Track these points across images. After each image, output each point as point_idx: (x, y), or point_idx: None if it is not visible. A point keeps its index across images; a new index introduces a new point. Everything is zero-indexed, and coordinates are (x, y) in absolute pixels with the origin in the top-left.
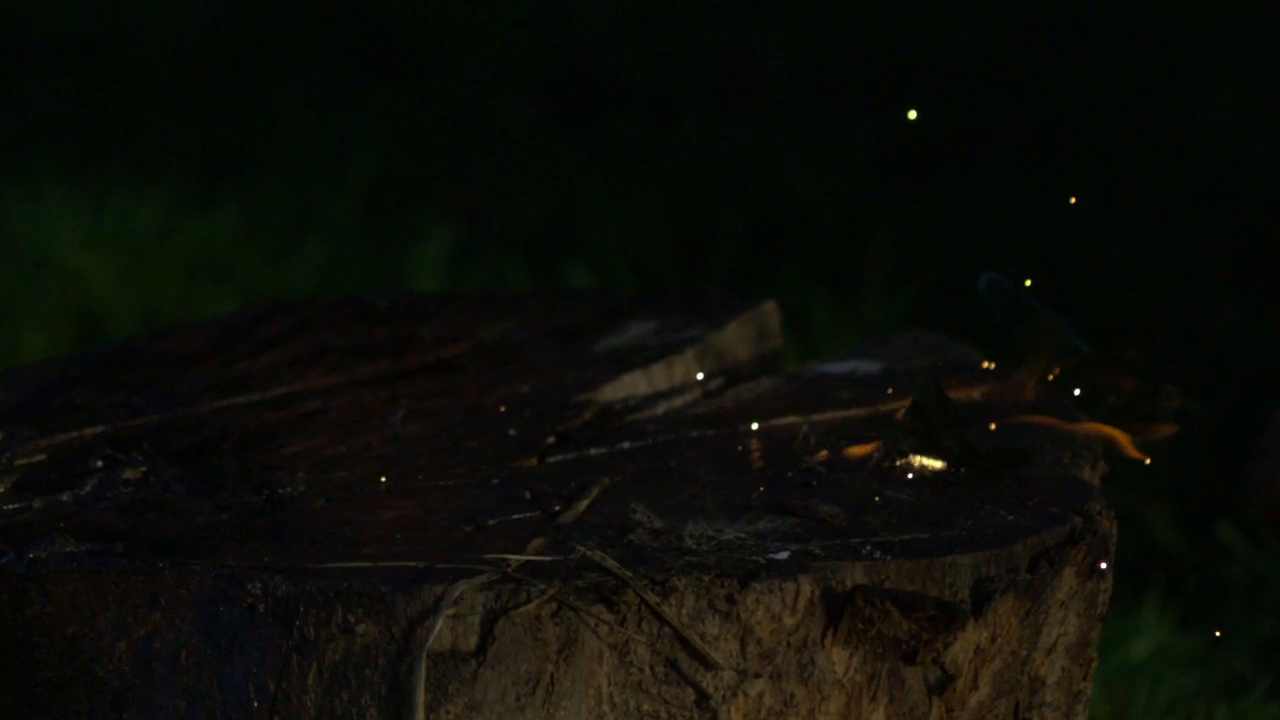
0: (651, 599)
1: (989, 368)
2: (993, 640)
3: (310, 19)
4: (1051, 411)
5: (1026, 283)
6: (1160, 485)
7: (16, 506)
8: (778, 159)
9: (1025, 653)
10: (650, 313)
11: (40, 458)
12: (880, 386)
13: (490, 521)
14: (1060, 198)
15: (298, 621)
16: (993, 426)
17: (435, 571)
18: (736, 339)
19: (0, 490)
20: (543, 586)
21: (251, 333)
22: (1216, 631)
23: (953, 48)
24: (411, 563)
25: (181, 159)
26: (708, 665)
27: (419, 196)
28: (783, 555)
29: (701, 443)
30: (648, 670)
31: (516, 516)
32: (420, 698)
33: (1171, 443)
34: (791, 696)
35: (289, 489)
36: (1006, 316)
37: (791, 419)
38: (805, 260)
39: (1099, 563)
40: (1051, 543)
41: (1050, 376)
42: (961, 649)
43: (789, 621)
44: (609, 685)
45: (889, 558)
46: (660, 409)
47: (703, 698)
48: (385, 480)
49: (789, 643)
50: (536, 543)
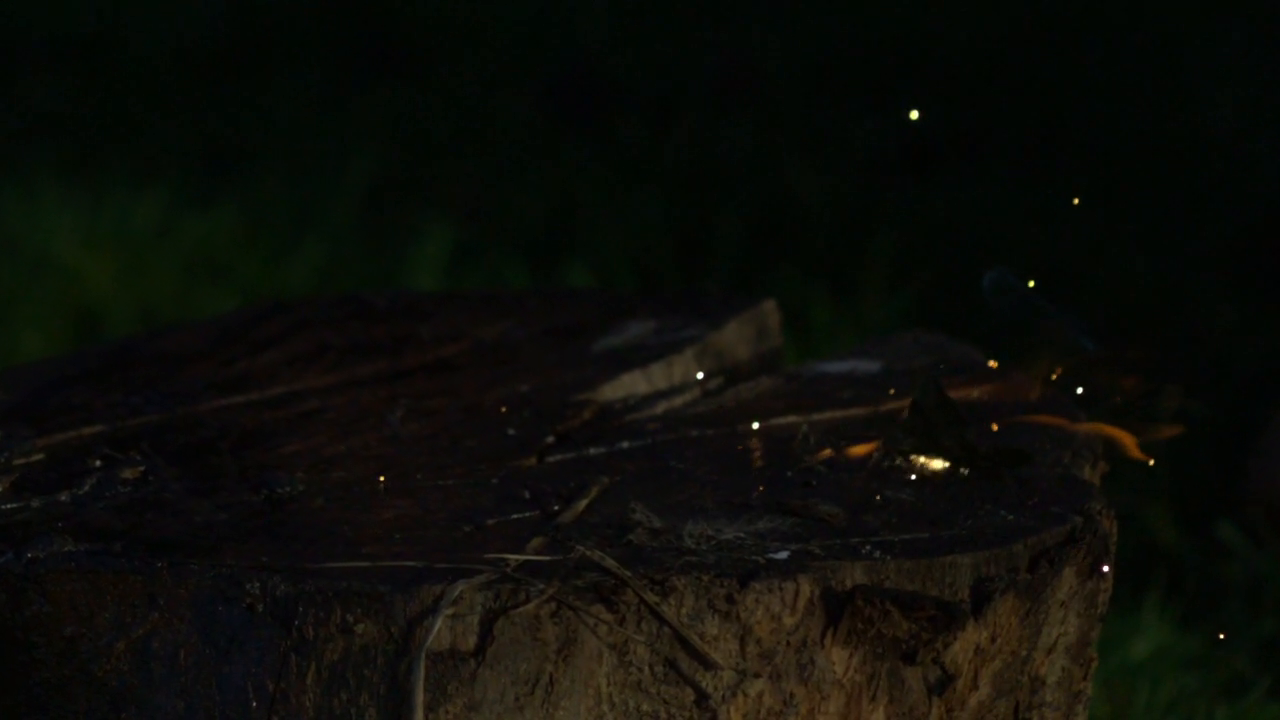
0: (651, 599)
1: (993, 366)
2: (993, 640)
3: (309, 18)
4: (1057, 411)
5: (1029, 284)
6: (1160, 485)
7: (14, 506)
8: (777, 158)
9: (1025, 653)
10: (649, 312)
11: (38, 457)
12: (880, 386)
13: (489, 521)
14: (1060, 197)
15: (296, 621)
16: (995, 427)
17: (434, 571)
18: (736, 338)
19: None
20: (542, 586)
21: (250, 332)
22: (1221, 635)
23: (953, 48)
24: (410, 562)
25: (180, 158)
26: (707, 665)
27: (418, 196)
28: (782, 555)
29: (701, 442)
30: (647, 670)
31: (515, 516)
32: (419, 697)
33: (1172, 443)
34: (791, 696)
35: (288, 488)
36: (1012, 314)
37: (791, 418)
38: (805, 260)
39: (1101, 563)
40: (1051, 542)
41: (1053, 376)
42: (961, 649)
43: (788, 621)
44: (608, 685)
45: (889, 557)
46: (660, 408)
47: (702, 698)
48: (384, 480)
49: (788, 642)
50: (535, 542)
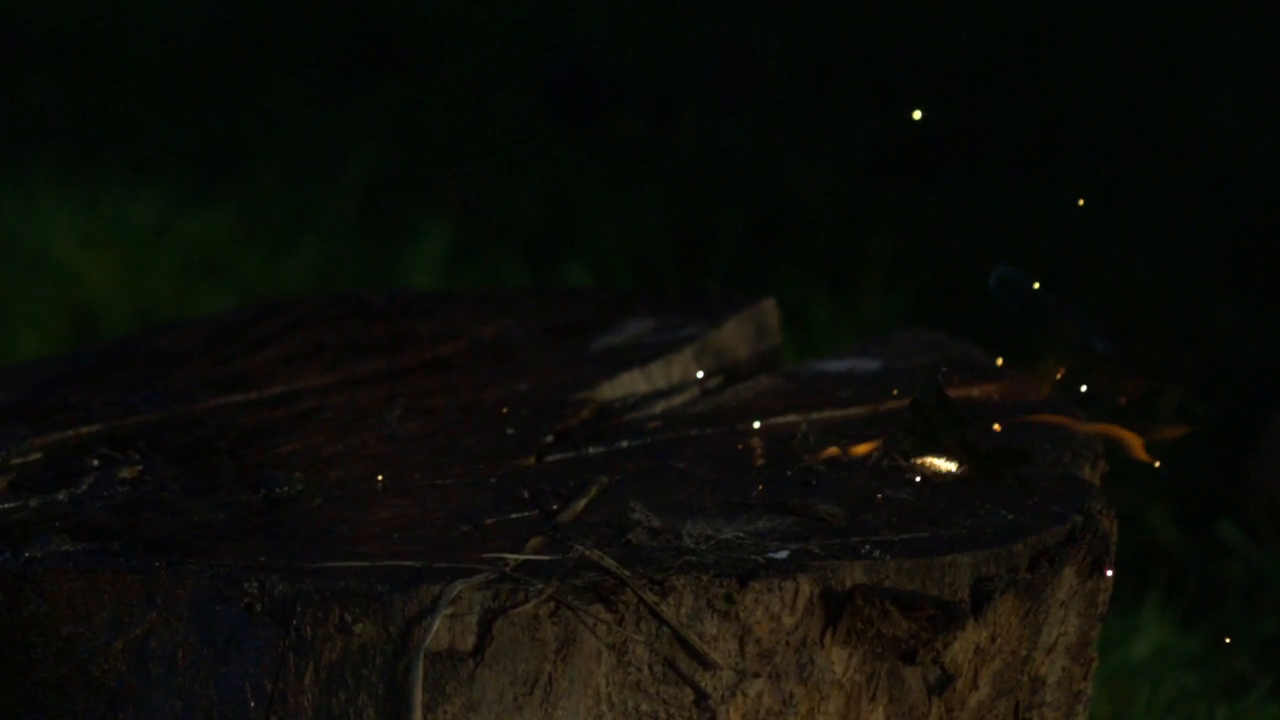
0: (650, 598)
1: (999, 365)
2: (993, 640)
3: (308, 17)
4: (1061, 411)
5: (1035, 285)
6: (1161, 484)
7: (12, 506)
8: (777, 157)
9: (1025, 652)
10: (648, 311)
11: (36, 457)
12: (879, 385)
13: (488, 521)
14: (1060, 197)
15: (295, 621)
16: (997, 427)
17: (433, 571)
18: (735, 337)
19: None
20: (541, 586)
21: (248, 331)
22: (1227, 639)
23: (953, 48)
24: (409, 562)
25: (177, 157)
26: (706, 665)
27: (416, 194)
28: (782, 554)
29: (700, 441)
30: (646, 670)
31: (514, 516)
32: (418, 697)
33: (1172, 442)
34: (790, 696)
35: (286, 488)
36: (1019, 312)
37: (790, 417)
38: (804, 258)
39: (1101, 563)
40: (1051, 542)
41: (1058, 375)
42: (961, 649)
43: (788, 621)
44: (607, 685)
45: (888, 557)
46: (659, 407)
47: (701, 697)
48: (382, 479)
49: (788, 642)
50: (534, 542)
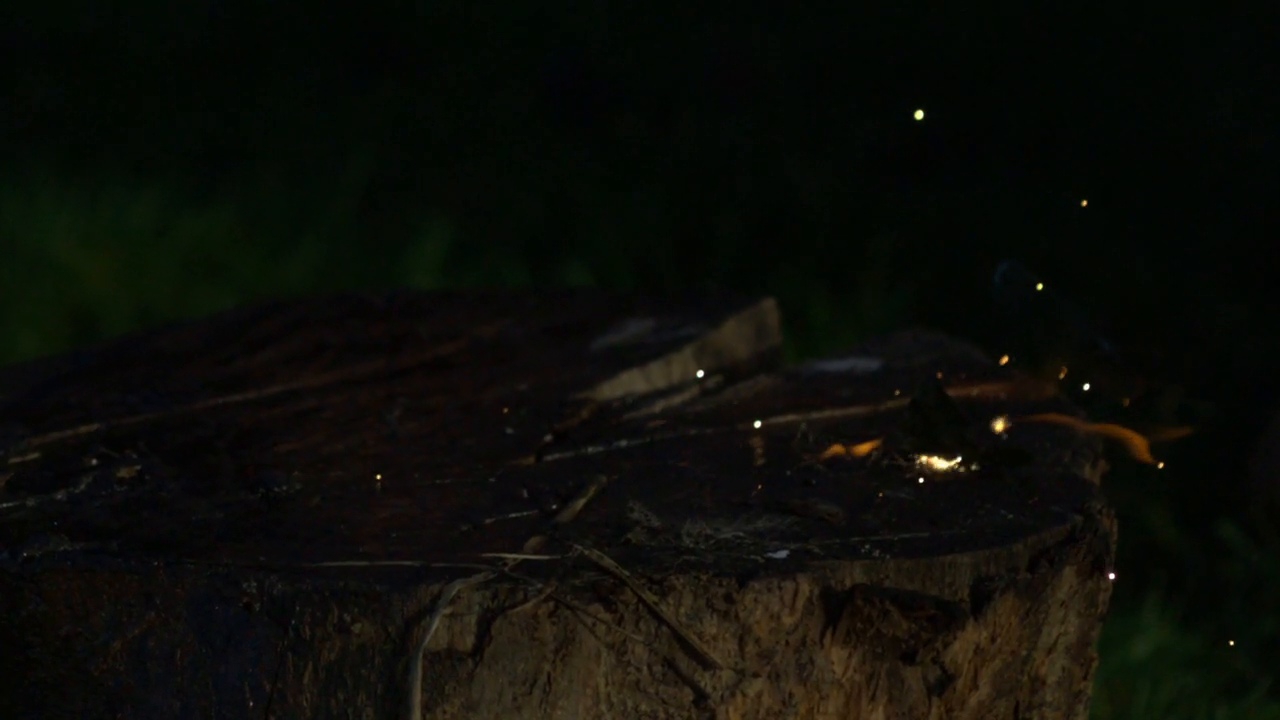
0: (649, 598)
1: (1004, 363)
2: (993, 640)
3: (307, 17)
4: (1064, 411)
5: (1039, 286)
6: (1161, 484)
7: (11, 505)
8: (777, 157)
9: (1025, 652)
10: (648, 310)
11: (34, 456)
12: (879, 385)
13: (487, 520)
14: (1060, 197)
15: (293, 621)
16: (999, 426)
17: (432, 570)
18: (735, 337)
19: None
20: (540, 586)
21: (247, 331)
22: (1230, 641)
23: (953, 48)
24: (408, 562)
25: (177, 157)
26: (706, 665)
27: (416, 194)
28: (781, 554)
29: (700, 441)
30: (645, 670)
31: (513, 515)
32: (417, 697)
33: (1173, 442)
34: (790, 696)
35: (285, 487)
36: (1023, 309)
37: (790, 417)
38: (804, 258)
39: (1101, 562)
40: (1052, 541)
41: (1061, 374)
42: (961, 649)
43: (788, 621)
44: (606, 685)
45: (888, 557)
46: (658, 407)
47: (701, 697)
48: (381, 479)
49: (787, 642)
50: (534, 542)
